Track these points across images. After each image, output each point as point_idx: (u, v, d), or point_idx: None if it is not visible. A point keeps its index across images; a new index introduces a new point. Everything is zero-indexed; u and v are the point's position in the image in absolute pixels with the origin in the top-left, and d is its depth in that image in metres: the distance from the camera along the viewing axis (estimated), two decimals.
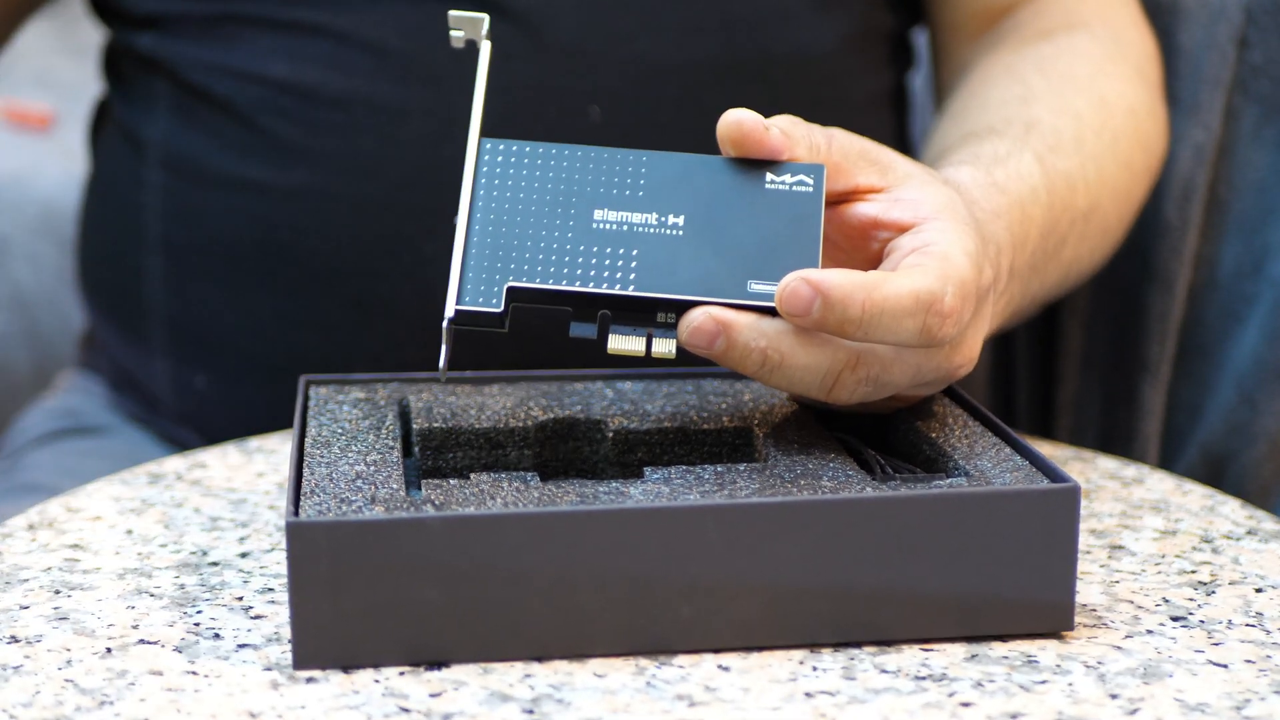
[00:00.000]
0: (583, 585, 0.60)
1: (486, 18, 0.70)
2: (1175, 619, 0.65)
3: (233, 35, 0.91)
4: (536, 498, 0.63)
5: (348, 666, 0.60)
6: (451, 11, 0.70)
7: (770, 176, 0.68)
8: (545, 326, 0.70)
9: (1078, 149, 0.86)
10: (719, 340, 0.64)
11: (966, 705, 0.58)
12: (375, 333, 0.90)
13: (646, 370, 0.77)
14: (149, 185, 0.95)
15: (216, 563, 0.70)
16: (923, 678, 0.60)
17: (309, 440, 0.69)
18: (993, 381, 1.10)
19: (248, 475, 0.79)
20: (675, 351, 0.66)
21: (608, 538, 0.60)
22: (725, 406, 0.73)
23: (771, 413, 0.72)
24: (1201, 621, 0.65)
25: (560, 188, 0.68)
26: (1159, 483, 0.79)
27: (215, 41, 0.92)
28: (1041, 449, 0.73)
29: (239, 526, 0.73)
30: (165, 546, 0.71)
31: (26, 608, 0.66)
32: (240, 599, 0.66)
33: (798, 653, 0.62)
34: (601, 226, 0.67)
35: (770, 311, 0.65)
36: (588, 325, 0.66)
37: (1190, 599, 0.67)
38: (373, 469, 0.66)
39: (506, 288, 0.66)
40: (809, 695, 0.59)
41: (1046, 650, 0.62)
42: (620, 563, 0.60)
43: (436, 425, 0.71)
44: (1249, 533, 0.73)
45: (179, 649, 0.62)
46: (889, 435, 0.72)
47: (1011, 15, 0.98)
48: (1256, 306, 0.98)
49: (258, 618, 0.65)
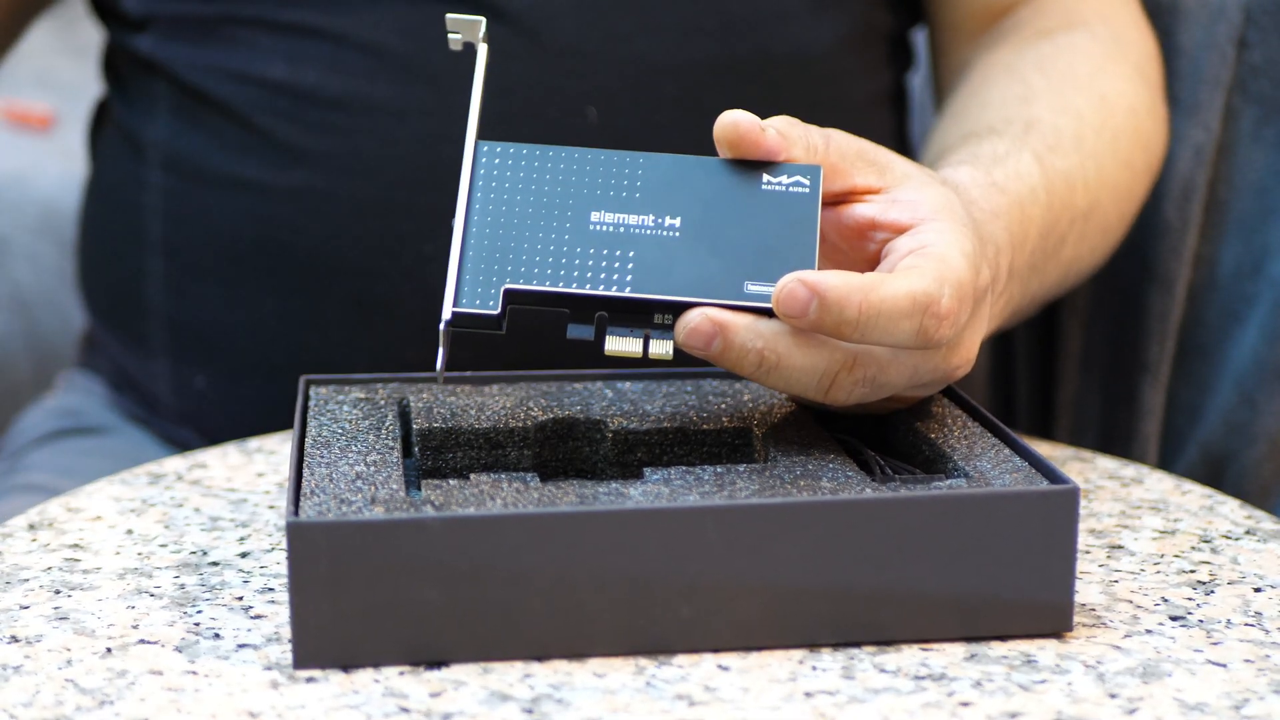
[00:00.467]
0: (582, 585, 0.60)
1: (483, 21, 0.69)
2: (1174, 619, 0.65)
3: (231, 37, 0.91)
4: (536, 498, 0.63)
5: (348, 666, 0.60)
6: (449, 15, 0.70)
7: (767, 178, 0.67)
8: (543, 326, 0.70)
9: (1077, 148, 0.86)
10: (716, 341, 0.64)
11: (966, 705, 0.58)
12: (375, 333, 0.90)
13: (646, 370, 0.77)
14: (149, 186, 0.95)
15: (217, 563, 0.70)
16: (922, 677, 0.60)
17: (309, 440, 0.69)
18: (992, 382, 1.10)
19: (248, 475, 0.80)
20: (672, 352, 0.66)
21: (607, 538, 0.60)
22: (725, 407, 0.73)
23: (771, 413, 0.73)
24: (1200, 621, 0.65)
25: (557, 190, 0.68)
26: (1158, 483, 0.79)
27: (214, 43, 0.92)
28: (1041, 449, 0.73)
29: (239, 526, 0.74)
30: (165, 546, 0.71)
31: (27, 607, 0.66)
32: (240, 599, 0.66)
33: (797, 653, 0.62)
34: (598, 228, 0.67)
35: (767, 312, 0.65)
36: (585, 327, 0.66)
37: (1189, 599, 0.67)
38: (373, 469, 0.66)
39: (504, 290, 0.66)
40: (808, 695, 0.59)
41: (1046, 650, 0.62)
42: (620, 563, 0.60)
43: (436, 425, 0.71)
44: (1248, 533, 0.73)
45: (179, 649, 0.62)
46: (888, 436, 0.72)
47: (1011, 15, 0.98)
48: (1256, 306, 0.98)
49: (258, 618, 0.65)
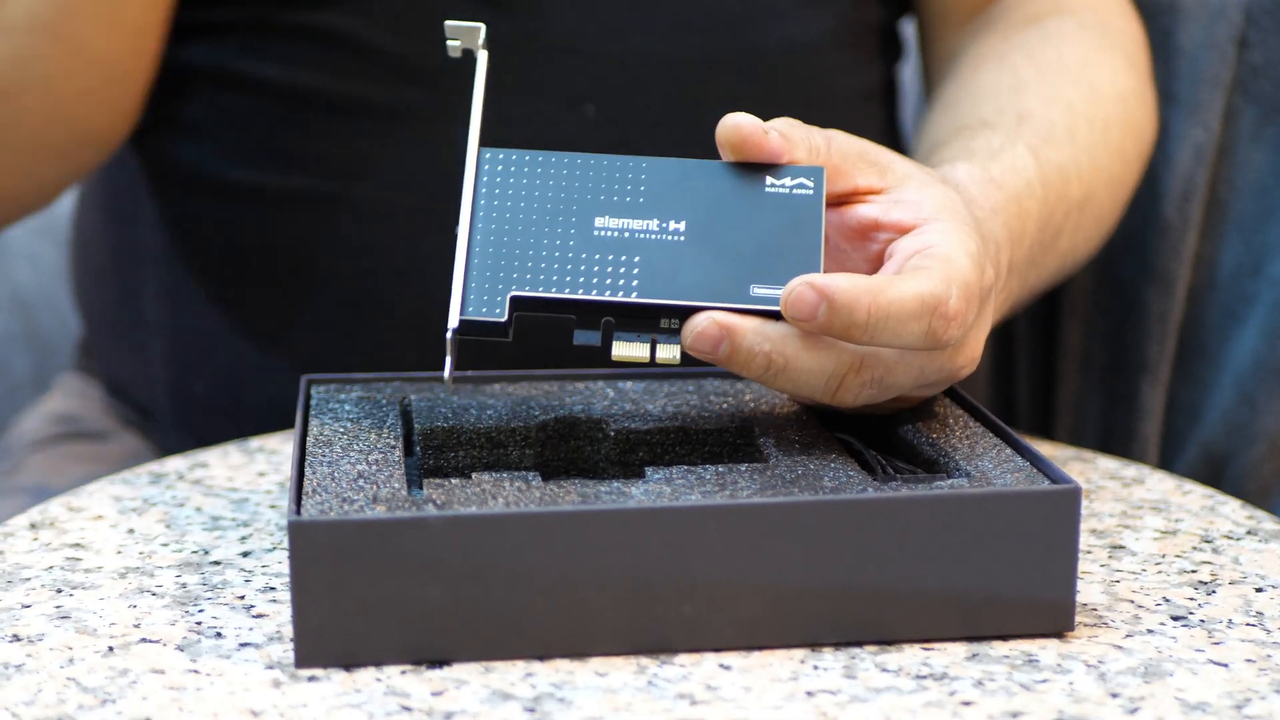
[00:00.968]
0: (584, 585, 0.60)
1: (482, 28, 0.69)
2: (1176, 618, 0.65)
3: (226, 40, 0.91)
4: (538, 497, 0.63)
5: (349, 665, 0.60)
6: (448, 22, 0.69)
7: (770, 180, 0.67)
8: (548, 327, 0.70)
9: (1070, 139, 0.86)
10: (723, 345, 0.64)
11: (967, 704, 0.58)
12: (373, 336, 0.90)
13: (648, 370, 0.77)
14: (143, 192, 0.95)
15: (218, 562, 0.70)
16: (924, 677, 0.60)
17: (311, 439, 0.69)
18: (993, 382, 1.10)
19: (249, 475, 0.80)
20: (679, 357, 0.66)
21: (609, 537, 0.60)
22: (727, 407, 0.73)
23: (773, 413, 0.73)
24: (1202, 621, 0.65)
25: (561, 196, 0.68)
26: (1159, 483, 0.79)
27: (208, 46, 0.91)
28: (1042, 449, 0.73)
29: (241, 526, 0.74)
30: (167, 545, 0.71)
31: (28, 606, 0.66)
32: (242, 598, 0.66)
33: (799, 652, 0.62)
34: (603, 234, 0.67)
35: (774, 315, 0.65)
36: (591, 333, 0.66)
37: (1190, 598, 0.67)
38: (374, 468, 0.66)
39: (510, 297, 0.66)
40: (810, 694, 0.59)
41: (1047, 649, 0.62)
42: (622, 562, 0.60)
43: (438, 425, 0.71)
44: (1249, 533, 0.73)
45: (181, 648, 0.62)
46: (890, 436, 0.72)
47: (999, 1, 0.98)
48: (1256, 306, 0.98)
49: (259, 616, 0.65)
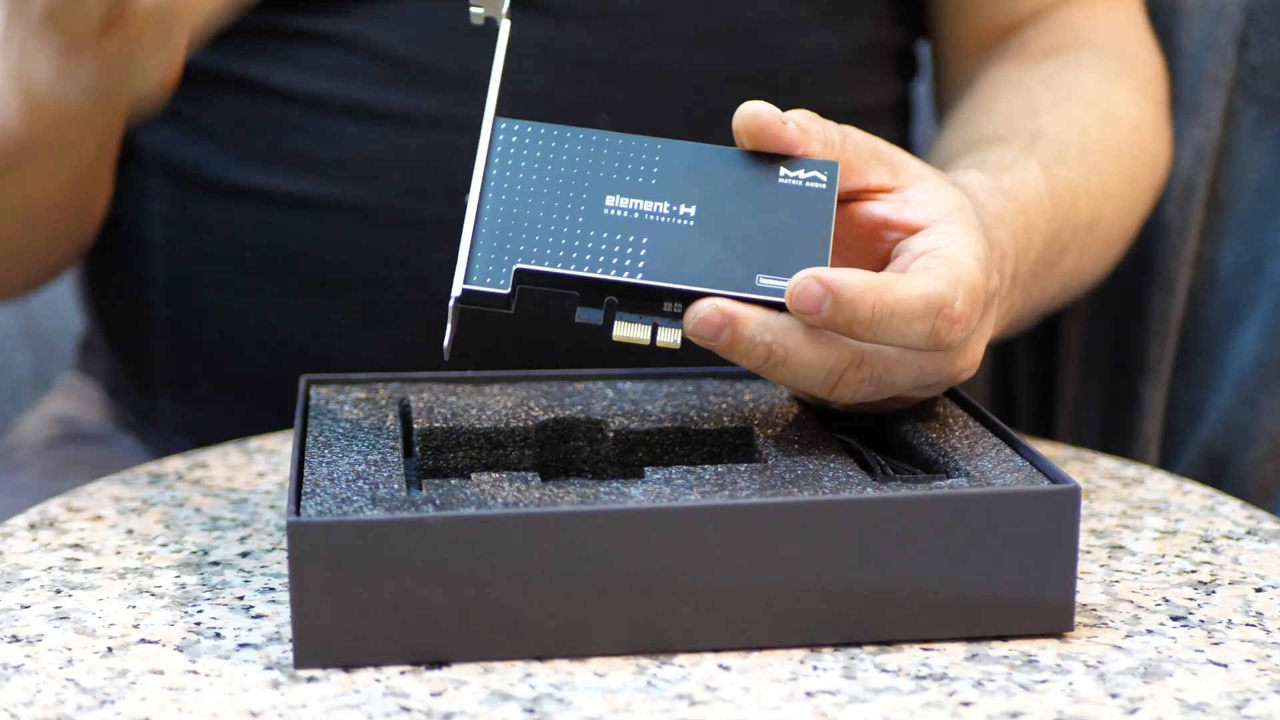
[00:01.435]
0: (583, 585, 0.60)
1: None
2: (1175, 619, 0.65)
3: (236, 44, 0.91)
4: (537, 498, 0.63)
5: (348, 666, 0.60)
6: None
7: (784, 171, 0.67)
8: (550, 312, 0.69)
9: (1082, 160, 0.86)
10: (725, 333, 0.64)
11: (967, 705, 0.58)
12: (381, 342, 0.90)
13: (647, 370, 0.77)
14: (150, 193, 0.95)
15: (217, 562, 0.70)
16: (923, 677, 0.60)
17: (310, 440, 0.69)
18: (993, 382, 1.10)
19: (248, 475, 0.80)
20: (680, 342, 0.65)
21: (608, 538, 0.60)
22: (726, 407, 0.73)
23: (772, 413, 0.72)
24: (1201, 621, 0.65)
25: (574, 171, 0.67)
26: (1159, 483, 0.79)
27: (218, 50, 0.91)
28: (1042, 449, 0.73)
29: (240, 526, 0.73)
30: (166, 546, 0.71)
31: (27, 607, 0.66)
32: (241, 598, 0.66)
33: (798, 652, 0.62)
34: (613, 213, 0.67)
35: (778, 306, 0.65)
36: (594, 311, 0.66)
37: (1190, 599, 0.67)
38: (373, 469, 0.66)
39: (515, 269, 0.65)
40: (809, 695, 0.59)
41: (1047, 650, 0.62)
42: (621, 563, 0.60)
43: (437, 425, 0.71)
44: (1249, 533, 0.73)
45: (180, 648, 0.62)
46: (889, 436, 0.72)
47: (1017, 33, 0.98)
48: (1256, 306, 0.98)
49: (259, 617, 0.65)
